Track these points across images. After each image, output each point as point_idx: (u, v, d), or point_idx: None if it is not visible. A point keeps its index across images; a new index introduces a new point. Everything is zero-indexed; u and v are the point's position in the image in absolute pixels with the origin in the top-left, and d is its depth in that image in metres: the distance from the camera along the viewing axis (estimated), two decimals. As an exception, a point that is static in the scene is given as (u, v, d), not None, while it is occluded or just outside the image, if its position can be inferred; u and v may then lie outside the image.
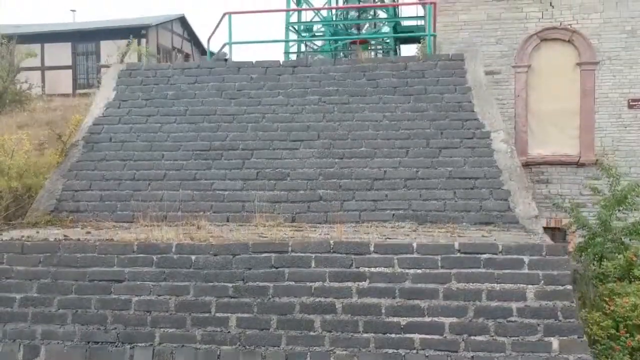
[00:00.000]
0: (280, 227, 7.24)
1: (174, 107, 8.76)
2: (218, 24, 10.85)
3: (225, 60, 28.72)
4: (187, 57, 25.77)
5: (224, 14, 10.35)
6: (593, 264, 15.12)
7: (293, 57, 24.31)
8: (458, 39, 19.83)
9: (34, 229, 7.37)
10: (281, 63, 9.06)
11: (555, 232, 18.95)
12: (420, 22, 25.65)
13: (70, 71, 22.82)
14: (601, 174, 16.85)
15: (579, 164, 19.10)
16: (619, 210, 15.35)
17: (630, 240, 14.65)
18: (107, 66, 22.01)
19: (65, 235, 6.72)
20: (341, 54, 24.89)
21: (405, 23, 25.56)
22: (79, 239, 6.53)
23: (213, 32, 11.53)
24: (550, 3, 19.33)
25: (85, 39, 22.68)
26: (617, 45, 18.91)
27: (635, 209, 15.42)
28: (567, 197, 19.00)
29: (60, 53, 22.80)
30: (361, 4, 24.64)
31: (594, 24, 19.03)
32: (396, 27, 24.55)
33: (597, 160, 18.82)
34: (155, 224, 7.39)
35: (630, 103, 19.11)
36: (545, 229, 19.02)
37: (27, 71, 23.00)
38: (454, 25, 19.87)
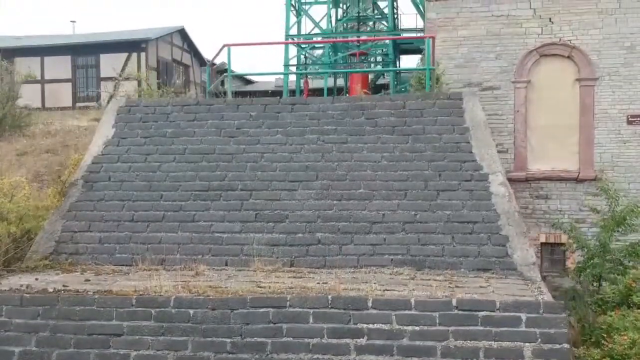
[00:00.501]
0: (278, 273, 7.26)
1: (173, 145, 8.77)
2: (218, 52, 10.87)
3: (226, 70, 28.58)
4: (186, 68, 25.78)
5: (223, 46, 10.36)
6: (592, 285, 15.17)
7: (293, 68, 24.36)
8: (457, 55, 19.81)
9: (33, 274, 7.39)
10: (280, 100, 9.07)
11: (555, 247, 19.04)
12: (421, 34, 25.64)
13: (70, 84, 22.82)
14: (601, 192, 16.91)
15: (578, 180, 19.10)
16: (618, 232, 15.39)
17: (629, 262, 14.70)
18: (108, 79, 22.23)
19: (64, 285, 6.74)
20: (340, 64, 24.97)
21: (405, 34, 25.57)
22: (77, 291, 6.55)
23: (213, 60, 11.55)
24: (550, 19, 19.30)
25: (85, 53, 22.69)
26: (617, 62, 18.89)
27: (634, 230, 15.47)
28: (566, 213, 19.03)
29: (60, 66, 22.82)
30: (362, 38, 24.54)
31: (594, 40, 19.02)
32: (396, 39, 24.53)
33: (596, 176, 18.83)
34: (154, 268, 7.42)
35: (630, 119, 19.09)
36: (544, 244, 19.16)
37: (27, 84, 23.09)
38: (453, 40, 19.85)
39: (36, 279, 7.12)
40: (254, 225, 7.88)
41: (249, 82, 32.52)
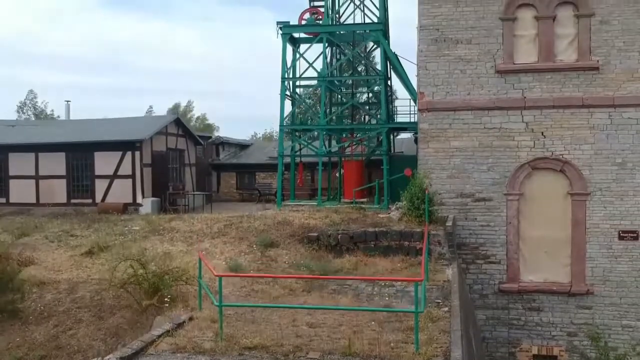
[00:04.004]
0: None
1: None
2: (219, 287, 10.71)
3: (220, 144, 28.70)
4: (181, 152, 25.74)
5: (216, 275, 10.36)
6: None
7: (287, 158, 24.42)
8: (449, 165, 19.98)
9: None
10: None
11: (547, 359, 19.29)
12: (414, 116, 25.65)
13: (64, 181, 22.84)
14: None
15: (570, 294, 19.31)
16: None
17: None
18: (103, 176, 22.31)
19: None
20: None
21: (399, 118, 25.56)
22: None
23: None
24: (542, 133, 19.42)
25: (79, 150, 22.68)
26: (608, 177, 19.07)
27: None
28: (558, 326, 19.35)
29: (55, 163, 22.87)
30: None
31: (585, 155, 19.17)
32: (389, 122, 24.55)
33: (588, 290, 19.06)
34: None
35: (621, 234, 19.29)
36: (536, 356, 19.39)
37: (21, 179, 23.18)
38: (446, 151, 20.00)
39: None
40: None
41: (244, 146, 32.53)
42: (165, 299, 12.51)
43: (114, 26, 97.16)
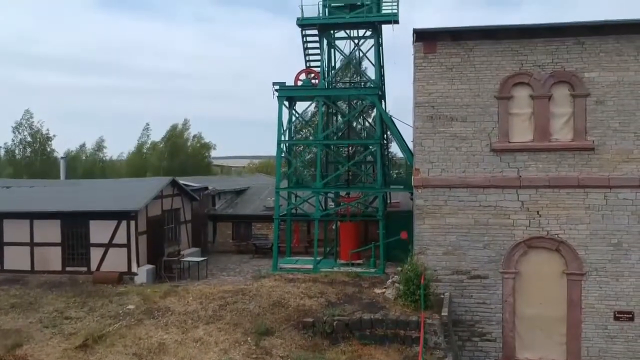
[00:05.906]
0: None
1: None
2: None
3: (217, 194, 28.50)
4: (177, 211, 25.66)
5: None
6: None
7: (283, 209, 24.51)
8: (445, 242, 19.92)
9: None
10: None
11: None
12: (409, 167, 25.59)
13: (59, 248, 22.73)
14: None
15: (566, 375, 19.32)
16: None
17: None
18: (98, 245, 22.23)
19: None
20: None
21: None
22: None
23: None
24: (538, 212, 19.36)
25: (74, 218, 22.55)
26: (604, 257, 19.04)
27: None
28: (555, 406, 19.27)
29: (50, 230, 22.76)
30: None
31: (581, 235, 19.14)
32: (385, 183, 24.50)
33: (583, 371, 19.07)
34: None
35: (617, 315, 19.26)
36: None
37: (16, 246, 23.10)
38: (442, 227, 19.94)
39: None
40: None
41: (240, 192, 32.44)
42: None
43: (113, 27, 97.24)
